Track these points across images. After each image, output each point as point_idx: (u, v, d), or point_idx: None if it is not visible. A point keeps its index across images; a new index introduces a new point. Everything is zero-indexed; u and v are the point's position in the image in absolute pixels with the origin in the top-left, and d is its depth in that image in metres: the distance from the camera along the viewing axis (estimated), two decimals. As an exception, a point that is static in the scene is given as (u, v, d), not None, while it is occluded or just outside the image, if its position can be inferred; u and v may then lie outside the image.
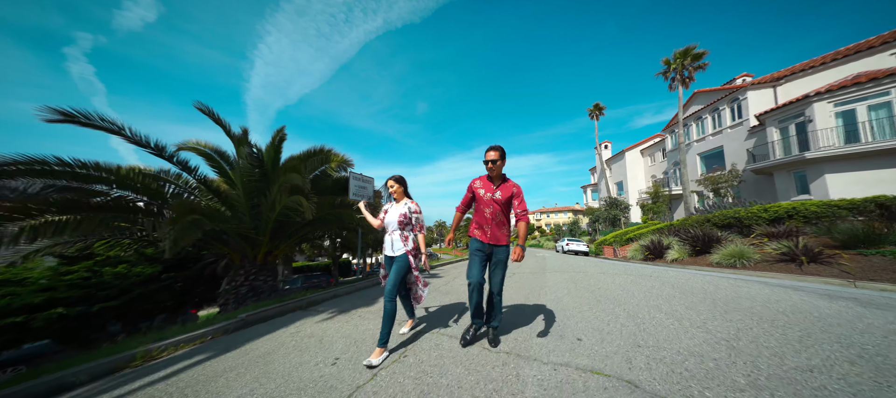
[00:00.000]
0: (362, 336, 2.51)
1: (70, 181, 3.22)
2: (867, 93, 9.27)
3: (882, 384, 1.44)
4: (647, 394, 1.43)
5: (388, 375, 1.71)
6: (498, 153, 2.08)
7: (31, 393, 1.80)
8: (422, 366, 1.84)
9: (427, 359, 1.96)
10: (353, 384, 1.63)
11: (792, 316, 2.60)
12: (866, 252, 5.42)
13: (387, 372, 1.76)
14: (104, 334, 4.04)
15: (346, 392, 1.55)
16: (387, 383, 1.63)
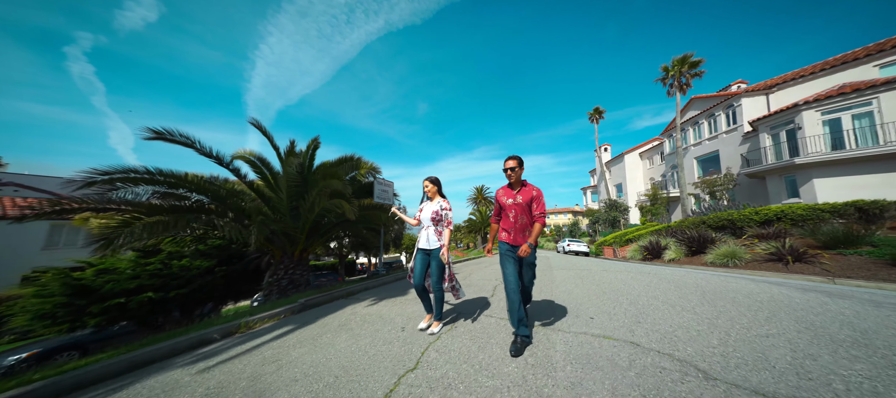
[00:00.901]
0: (413, 314, 3.05)
1: (170, 188, 3.78)
2: (851, 103, 9.89)
3: (812, 342, 1.99)
4: (645, 350, 1.98)
5: (449, 337, 2.26)
6: (516, 161, 2.31)
7: (187, 343, 2.38)
8: (472, 332, 2.39)
9: (474, 328, 2.50)
10: (425, 342, 2.17)
11: (766, 303, 3.15)
12: (845, 252, 5.97)
13: (447, 335, 2.31)
14: (169, 318, 4.57)
15: (422, 346, 2.10)
16: (450, 341, 2.17)
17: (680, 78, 16.83)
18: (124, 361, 2.21)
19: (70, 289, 3.74)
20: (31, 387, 1.83)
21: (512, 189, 2.38)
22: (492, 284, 4.66)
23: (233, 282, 5.60)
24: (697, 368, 1.68)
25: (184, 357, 2.39)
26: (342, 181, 4.87)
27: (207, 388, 1.84)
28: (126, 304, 3.85)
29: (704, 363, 1.74)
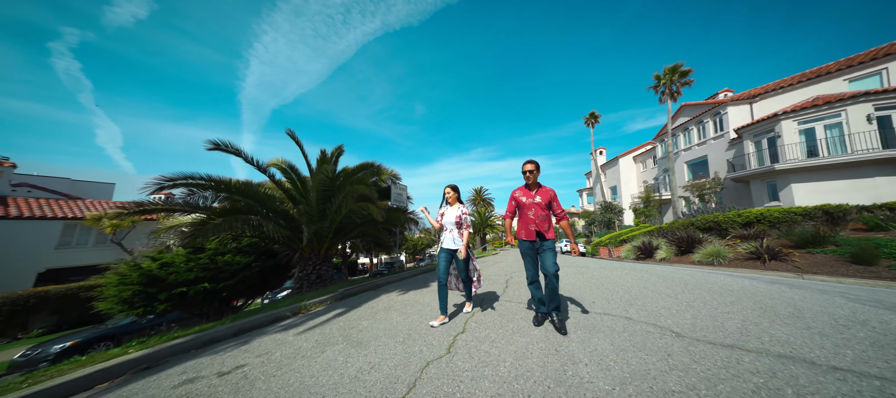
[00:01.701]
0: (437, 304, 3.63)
1: (230, 194, 4.32)
2: (823, 114, 10.78)
3: (760, 316, 2.64)
4: (635, 321, 2.60)
5: (481, 315, 2.85)
6: (534, 165, 2.54)
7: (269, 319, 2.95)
8: (498, 312, 2.99)
9: (499, 309, 3.11)
10: (465, 317, 2.76)
11: (736, 292, 3.81)
12: (813, 251, 6.71)
13: (480, 313, 2.90)
14: (212, 308, 5.08)
15: (464, 319, 2.70)
16: (484, 317, 2.76)
17: (671, 86, 17.74)
18: (233, 327, 2.79)
19: (144, 278, 4.24)
20: (170, 344, 2.38)
21: (530, 190, 2.58)
22: (503, 279, 5.27)
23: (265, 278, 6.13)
24: (672, 331, 2.30)
25: (272, 327, 2.96)
26: (369, 186, 5.44)
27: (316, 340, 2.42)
28: (186, 293, 4.37)
29: (677, 328, 2.37)
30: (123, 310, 4.30)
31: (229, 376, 2.01)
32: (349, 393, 1.62)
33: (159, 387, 1.96)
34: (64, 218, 14.72)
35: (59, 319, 10.75)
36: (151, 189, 4.33)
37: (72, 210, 15.70)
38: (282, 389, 1.75)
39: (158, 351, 2.37)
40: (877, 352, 1.81)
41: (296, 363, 2.12)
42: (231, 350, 2.48)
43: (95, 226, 15.12)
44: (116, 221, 15.19)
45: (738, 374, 1.60)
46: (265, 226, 4.74)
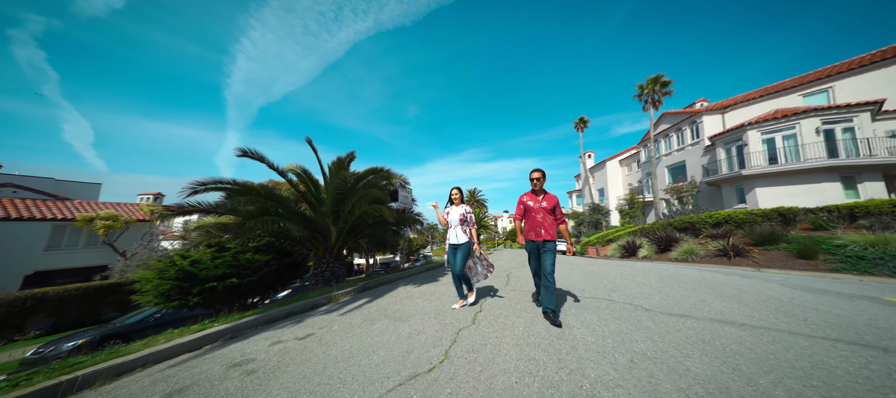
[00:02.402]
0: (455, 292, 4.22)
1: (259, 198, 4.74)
2: (781, 126, 12.09)
3: (711, 296, 3.37)
4: (616, 302, 3.27)
5: (493, 302, 3.46)
6: (541, 173, 2.83)
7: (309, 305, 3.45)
8: (505, 299, 3.61)
9: (505, 297, 3.72)
10: (478, 306, 3.36)
11: (698, 281, 4.59)
12: (770, 248, 7.71)
13: (492, 301, 3.50)
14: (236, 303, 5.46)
15: (478, 306, 3.29)
16: (494, 302, 3.37)
17: (653, 95, 19.01)
18: (283, 311, 3.29)
19: (181, 273, 4.59)
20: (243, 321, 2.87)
21: (536, 195, 2.84)
22: (505, 274, 5.91)
23: (281, 275, 6.54)
24: (643, 307, 2.98)
25: (314, 311, 3.48)
26: (382, 190, 5.95)
27: (362, 318, 2.96)
28: (216, 287, 4.76)
29: (647, 306, 3.05)
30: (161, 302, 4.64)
31: (306, 340, 2.53)
32: (408, 347, 2.18)
33: (256, 347, 2.47)
34: (53, 219, 14.37)
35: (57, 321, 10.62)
36: (187, 192, 4.71)
37: (61, 211, 15.33)
38: (355, 346, 2.30)
39: (236, 325, 2.85)
40: (778, 316, 2.54)
41: (355, 331, 2.66)
42: (292, 326, 2.98)
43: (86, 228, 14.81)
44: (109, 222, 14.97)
45: (683, 330, 2.28)
46: (288, 226, 5.19)
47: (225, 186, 4.77)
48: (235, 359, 2.23)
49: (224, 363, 2.19)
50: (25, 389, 1.69)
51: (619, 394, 1.42)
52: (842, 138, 10.97)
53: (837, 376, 1.51)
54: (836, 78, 12.59)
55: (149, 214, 17.00)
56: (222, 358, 2.30)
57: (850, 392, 1.37)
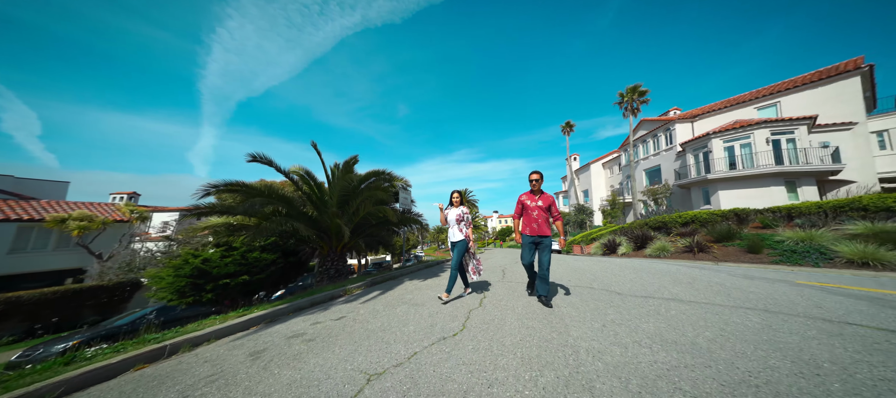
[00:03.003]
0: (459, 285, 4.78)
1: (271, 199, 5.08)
2: (739, 135, 13.61)
3: (670, 282, 4.12)
4: (595, 289, 3.94)
5: (494, 292, 4.04)
6: (539, 175, 3.13)
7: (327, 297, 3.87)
8: (504, 290, 4.20)
9: (505, 287, 4.32)
10: (482, 294, 3.92)
11: (664, 272, 5.39)
12: (727, 244, 8.80)
13: (493, 290, 4.08)
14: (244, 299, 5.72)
15: (481, 295, 3.86)
16: (495, 291, 3.95)
17: (632, 103, 20.46)
18: (307, 301, 3.71)
19: (196, 270, 4.83)
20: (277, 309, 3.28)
21: (534, 195, 3.13)
22: (500, 270, 6.53)
23: (286, 273, 6.85)
24: (616, 292, 3.66)
25: (336, 301, 3.91)
26: (385, 191, 6.40)
27: (383, 305, 3.44)
28: (229, 284, 5.04)
29: (619, 291, 3.74)
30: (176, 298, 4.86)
31: (342, 321, 2.99)
32: (431, 322, 2.71)
33: (300, 326, 2.91)
34: (18, 220, 13.59)
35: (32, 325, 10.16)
36: (201, 194, 4.98)
37: (26, 211, 14.49)
38: (387, 322, 2.79)
39: (272, 312, 3.25)
40: (715, 295, 3.29)
41: (382, 313, 3.14)
42: (320, 312, 3.42)
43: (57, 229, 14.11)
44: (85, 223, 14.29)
45: (644, 306, 2.95)
46: (298, 227, 5.54)
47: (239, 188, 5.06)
48: (289, 334, 2.68)
49: (281, 336, 2.62)
50: (133, 352, 2.07)
51: (593, 344, 2.02)
52: (786, 148, 12.56)
53: (736, 328, 2.20)
54: (784, 94, 14.33)
55: (128, 214, 16.31)
56: (276, 334, 2.73)
57: (740, 335, 2.04)
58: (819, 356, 1.67)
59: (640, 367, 1.63)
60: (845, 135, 12.72)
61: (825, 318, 2.33)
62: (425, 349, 2.07)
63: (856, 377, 1.44)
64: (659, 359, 1.73)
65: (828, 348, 1.77)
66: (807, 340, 1.90)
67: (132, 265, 13.48)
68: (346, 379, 1.69)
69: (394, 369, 1.77)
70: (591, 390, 1.44)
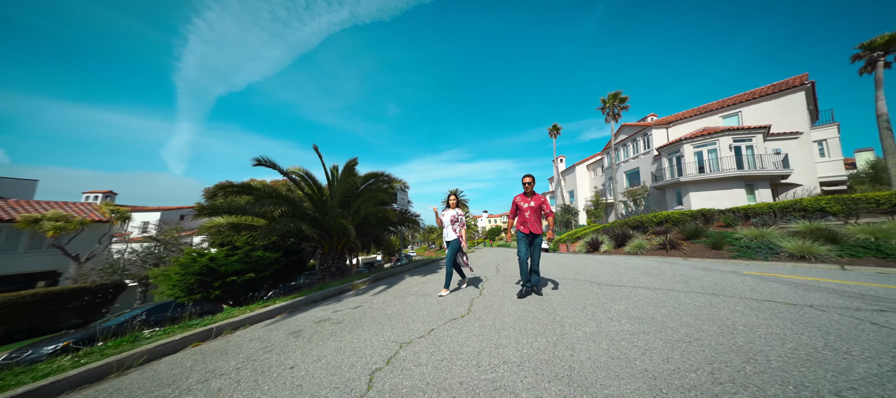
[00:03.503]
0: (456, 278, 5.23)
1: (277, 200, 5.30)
2: (707, 142, 14.93)
3: (638, 273, 4.77)
4: (579, 280, 4.51)
5: (491, 284, 4.51)
6: (531, 178, 3.47)
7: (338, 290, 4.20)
8: (500, 283, 4.69)
9: (499, 281, 4.81)
10: (478, 289, 4.38)
11: (637, 266, 6.08)
12: (695, 241, 9.77)
13: (490, 283, 4.55)
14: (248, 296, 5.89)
15: (480, 287, 4.32)
16: (492, 284, 4.43)
17: (613, 109, 21.66)
18: (320, 294, 4.03)
19: (205, 268, 4.98)
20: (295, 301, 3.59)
21: (527, 196, 3.49)
22: (494, 266, 7.03)
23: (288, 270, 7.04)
24: (596, 283, 4.23)
25: (347, 294, 4.26)
26: (386, 193, 6.74)
27: (393, 295, 3.83)
28: (236, 282, 5.23)
29: (598, 281, 4.32)
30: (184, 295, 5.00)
31: (359, 309, 3.36)
32: (440, 308, 3.13)
33: (322, 314, 3.25)
34: None
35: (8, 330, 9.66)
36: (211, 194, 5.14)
37: None
38: (401, 309, 3.19)
39: (292, 303, 3.56)
40: (676, 283, 3.92)
41: (394, 303, 3.53)
42: (335, 303, 3.76)
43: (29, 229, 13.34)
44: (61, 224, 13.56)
45: (617, 292, 3.52)
46: (303, 227, 5.79)
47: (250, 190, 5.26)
48: (316, 319, 3.03)
49: (310, 321, 2.97)
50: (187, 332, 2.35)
51: (575, 320, 2.52)
52: (746, 154, 13.96)
53: (685, 307, 2.77)
54: (744, 104, 15.84)
55: (108, 214, 15.56)
56: (303, 320, 3.07)
57: (687, 312, 2.60)
58: (737, 323, 2.24)
59: (610, 334, 2.14)
60: (793, 143, 14.29)
61: (753, 298, 2.96)
62: (440, 326, 2.50)
63: (757, 332, 2.01)
64: (624, 328, 2.24)
65: (745, 317, 2.35)
66: (733, 313, 2.49)
67: (116, 267, 12.97)
68: (382, 346, 2.09)
69: (418, 339, 2.19)
70: (572, 349, 1.92)
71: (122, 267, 12.95)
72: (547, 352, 1.88)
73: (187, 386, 1.81)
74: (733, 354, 1.70)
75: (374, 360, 1.90)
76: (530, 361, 1.76)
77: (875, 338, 1.83)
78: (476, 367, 1.73)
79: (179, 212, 25.05)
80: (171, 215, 24.42)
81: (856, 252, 5.62)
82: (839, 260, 5.52)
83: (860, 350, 1.67)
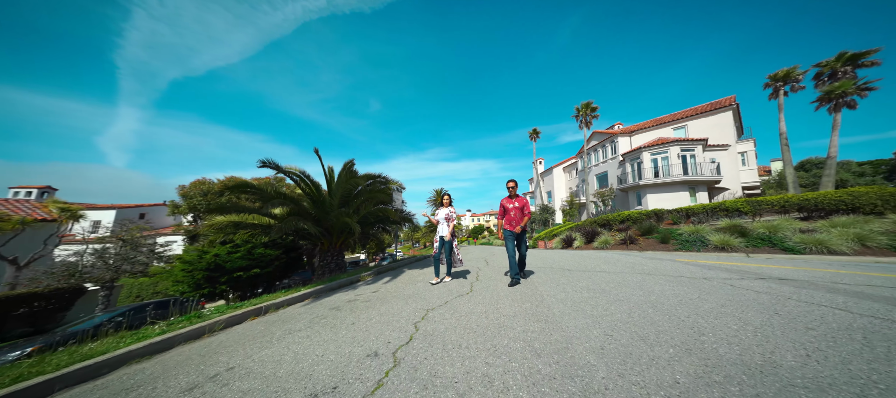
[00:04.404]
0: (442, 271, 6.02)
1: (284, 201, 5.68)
2: (660, 150, 17.21)
3: (602, 263, 5.90)
4: (554, 268, 5.50)
5: (484, 274, 5.35)
6: (514, 183, 4.12)
7: (348, 282, 4.80)
8: (491, 275, 5.56)
9: (491, 273, 5.67)
10: (476, 274, 5.20)
11: (601, 257, 7.30)
12: (649, 237, 11.44)
13: (483, 273, 5.39)
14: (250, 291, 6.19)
15: (474, 278, 5.14)
16: (485, 274, 5.28)
17: (585, 117, 23.71)
18: (336, 284, 4.59)
19: (212, 264, 5.25)
20: (317, 288, 4.15)
21: (511, 198, 4.15)
22: (483, 261, 7.92)
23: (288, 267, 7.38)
24: (567, 270, 5.24)
25: (356, 285, 4.84)
26: (384, 193, 7.33)
27: (403, 282, 4.51)
28: (242, 277, 5.56)
29: (569, 268, 5.35)
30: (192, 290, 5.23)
31: (377, 293, 4.01)
32: (447, 291, 3.89)
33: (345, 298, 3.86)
34: None
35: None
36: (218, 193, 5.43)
37: None
38: (415, 292, 3.90)
39: (315, 290, 4.11)
40: (625, 268, 5.04)
41: (407, 288, 4.22)
42: (352, 290, 4.36)
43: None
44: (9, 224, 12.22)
45: (582, 274, 4.53)
46: (306, 225, 6.23)
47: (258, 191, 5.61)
48: (346, 300, 3.65)
49: (341, 301, 3.59)
50: (240, 310, 2.88)
51: (552, 293, 3.41)
52: (690, 162, 16.39)
53: (626, 282, 3.81)
54: (690, 119, 18.47)
55: (57, 213, 14.09)
56: (333, 301, 3.68)
57: (626, 285, 3.62)
58: (655, 290, 3.27)
59: (573, 298, 3.05)
60: (724, 154, 16.98)
61: (672, 276, 4.08)
62: (452, 300, 3.27)
63: (664, 294, 3.03)
64: (583, 296, 3.17)
65: (661, 287, 3.40)
66: (656, 285, 3.54)
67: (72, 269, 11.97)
68: (414, 312, 2.82)
69: (439, 306, 2.95)
70: (548, 308, 2.79)
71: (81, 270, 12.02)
72: (531, 310, 2.73)
73: (279, 335, 2.43)
74: (646, 306, 2.66)
75: (413, 317, 2.63)
76: (520, 315, 2.59)
77: (727, 293, 2.91)
78: (484, 318, 2.53)
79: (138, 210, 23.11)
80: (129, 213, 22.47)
81: (756, 243, 7.27)
82: (745, 249, 7.13)
83: (715, 298, 2.72)
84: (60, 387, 1.83)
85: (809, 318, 2.11)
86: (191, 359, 2.18)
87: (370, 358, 1.88)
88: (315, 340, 2.31)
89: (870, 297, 2.54)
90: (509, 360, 1.69)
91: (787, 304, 2.46)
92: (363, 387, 1.53)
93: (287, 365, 1.91)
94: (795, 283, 3.21)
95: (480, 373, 1.57)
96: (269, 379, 1.73)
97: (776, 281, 3.40)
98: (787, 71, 14.35)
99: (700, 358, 1.59)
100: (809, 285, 3.10)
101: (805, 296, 2.69)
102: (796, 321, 2.07)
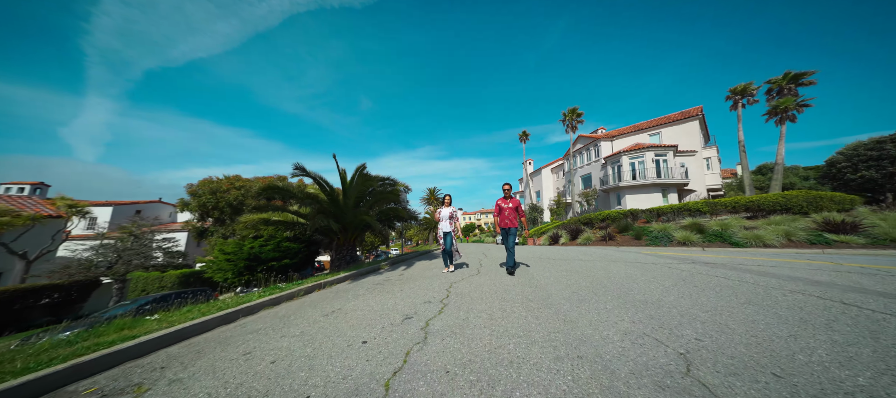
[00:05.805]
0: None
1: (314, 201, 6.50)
2: (637, 155, 18.92)
3: (581, 256, 7.09)
4: (542, 259, 6.63)
5: (485, 266, 6.40)
6: (509, 186, 4.75)
7: (371, 269, 5.74)
8: (491, 266, 6.62)
9: (489, 266, 6.74)
10: (476, 267, 6.24)
11: (582, 251, 8.52)
12: (625, 234, 12.89)
13: (484, 265, 6.44)
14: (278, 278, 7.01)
15: (477, 266, 6.18)
16: (486, 265, 6.33)
17: (571, 122, 25.28)
18: (364, 270, 5.51)
19: (252, 255, 6.02)
20: (352, 273, 5.07)
21: (506, 199, 4.80)
22: (480, 253, 8.99)
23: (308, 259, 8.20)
24: (553, 260, 6.39)
25: (378, 273, 5.76)
26: (394, 194, 8.24)
27: (422, 268, 5.49)
28: (275, 266, 6.36)
29: (555, 259, 6.50)
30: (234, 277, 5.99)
31: (402, 277, 4.96)
32: (461, 275, 4.88)
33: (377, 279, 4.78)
34: None
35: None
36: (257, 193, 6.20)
37: None
38: (434, 275, 4.87)
39: (347, 275, 4.99)
40: (598, 258, 6.25)
41: (424, 274, 5.18)
42: (377, 275, 5.28)
43: None
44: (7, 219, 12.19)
45: (564, 263, 5.68)
46: (330, 223, 7.07)
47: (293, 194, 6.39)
48: (377, 282, 4.58)
49: (377, 281, 4.53)
50: (294, 288, 3.78)
51: (541, 275, 4.48)
52: (662, 166, 18.17)
53: (598, 268, 4.95)
54: (663, 126, 20.34)
55: (64, 209, 14.05)
56: (370, 282, 4.61)
57: (598, 271, 4.75)
58: (616, 272, 4.41)
59: (557, 277, 4.14)
60: (691, 159, 18.90)
61: (634, 263, 5.27)
62: (467, 278, 4.30)
63: (622, 274, 4.17)
64: (562, 275, 4.26)
65: (621, 270, 4.55)
66: (618, 269, 4.69)
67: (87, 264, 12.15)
68: (441, 285, 3.82)
69: (459, 282, 3.96)
70: (537, 281, 3.85)
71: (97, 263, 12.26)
72: (526, 282, 3.79)
73: (351, 296, 3.39)
74: (606, 280, 3.77)
75: (443, 286, 3.63)
76: (518, 285, 3.64)
77: (662, 272, 4.09)
78: (494, 286, 3.58)
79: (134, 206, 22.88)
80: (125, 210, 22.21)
81: (711, 238, 8.71)
82: (702, 244, 8.55)
83: (651, 274, 3.88)
84: (189, 335, 2.65)
85: (705, 282, 3.26)
86: (298, 310, 3.08)
87: (425, 303, 2.90)
88: (382, 298, 3.29)
89: (765, 274, 3.72)
90: (513, 303, 2.74)
91: (697, 276, 3.64)
92: (431, 312, 2.58)
93: (376, 307, 2.89)
94: (716, 265, 4.44)
95: (498, 307, 2.62)
96: (370, 311, 2.75)
97: (704, 264, 4.63)
98: (744, 86, 16.30)
99: (624, 300, 2.69)
100: (725, 266, 4.32)
101: (715, 271, 3.89)
102: (693, 281, 3.23)
